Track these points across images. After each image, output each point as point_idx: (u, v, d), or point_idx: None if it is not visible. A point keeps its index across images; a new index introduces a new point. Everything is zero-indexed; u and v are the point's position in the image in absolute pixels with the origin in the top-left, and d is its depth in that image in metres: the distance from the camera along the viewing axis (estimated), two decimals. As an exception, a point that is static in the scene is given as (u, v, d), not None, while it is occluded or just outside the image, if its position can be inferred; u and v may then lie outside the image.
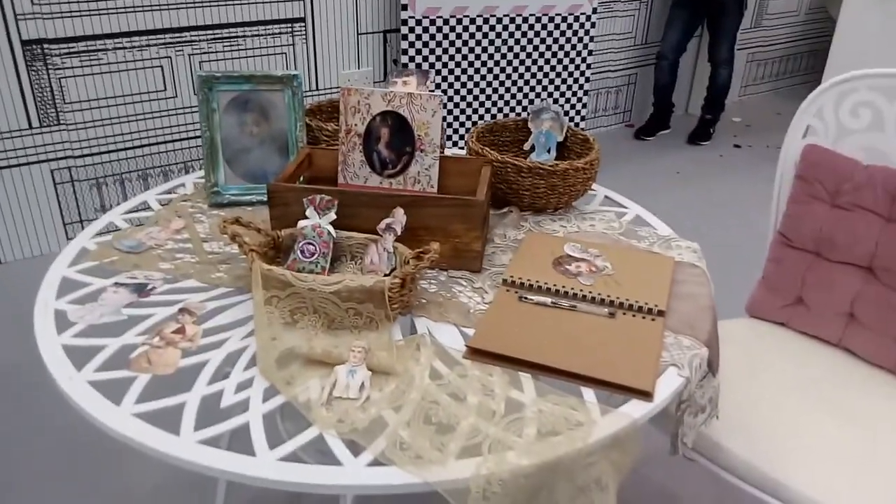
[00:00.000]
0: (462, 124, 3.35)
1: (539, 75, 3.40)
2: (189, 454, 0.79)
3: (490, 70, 3.30)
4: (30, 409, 1.97)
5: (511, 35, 3.27)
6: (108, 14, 2.63)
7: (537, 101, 3.44)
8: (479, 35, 3.21)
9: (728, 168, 3.78)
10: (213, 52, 2.89)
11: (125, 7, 2.66)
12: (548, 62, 3.39)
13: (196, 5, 2.79)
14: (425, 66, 3.16)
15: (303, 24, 3.06)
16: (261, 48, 3.00)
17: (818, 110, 1.47)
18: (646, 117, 4.23)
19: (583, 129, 1.44)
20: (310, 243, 1.10)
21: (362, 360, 0.92)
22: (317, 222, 1.11)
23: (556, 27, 3.33)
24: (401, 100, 1.22)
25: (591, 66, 3.49)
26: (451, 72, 3.23)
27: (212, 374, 0.92)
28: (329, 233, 1.11)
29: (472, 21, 3.16)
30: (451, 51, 3.19)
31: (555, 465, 0.80)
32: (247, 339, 0.99)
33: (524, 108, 3.43)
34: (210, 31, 2.86)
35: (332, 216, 1.11)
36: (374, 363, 0.92)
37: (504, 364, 0.94)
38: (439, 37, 3.14)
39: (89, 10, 2.59)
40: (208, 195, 1.37)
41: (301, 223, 1.11)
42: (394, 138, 1.24)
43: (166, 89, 2.85)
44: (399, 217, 1.10)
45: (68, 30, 2.58)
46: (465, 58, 3.23)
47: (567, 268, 1.13)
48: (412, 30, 3.08)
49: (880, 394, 1.32)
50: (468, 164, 1.31)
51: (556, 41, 3.36)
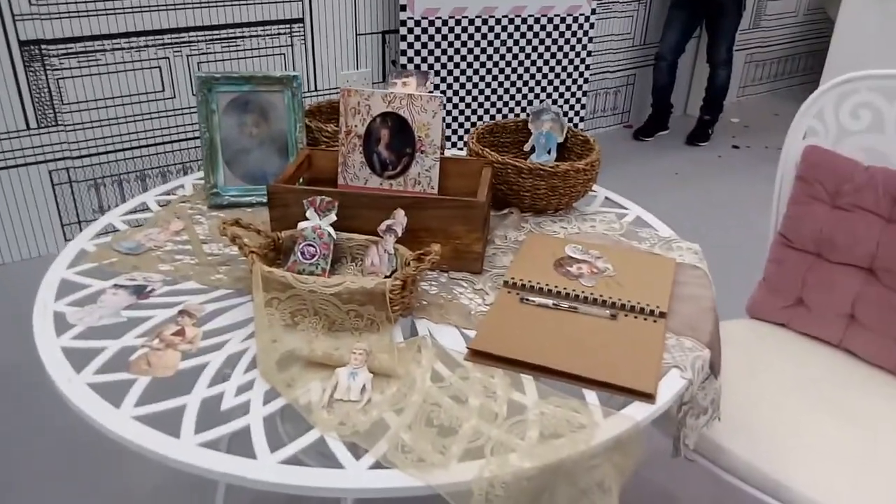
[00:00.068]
0: (461, 125, 3.35)
1: (538, 76, 3.40)
2: (189, 457, 0.78)
3: (489, 71, 3.30)
4: (30, 409, 1.97)
5: (510, 36, 3.27)
6: (106, 15, 2.63)
7: (536, 101, 3.43)
8: (477, 36, 3.21)
9: (727, 169, 3.78)
10: (211, 53, 2.89)
11: (124, 8, 2.65)
12: (546, 63, 3.39)
13: (195, 6, 2.79)
14: (424, 67, 3.16)
15: (301, 25, 3.05)
16: (259, 49, 2.99)
17: (818, 111, 1.47)
18: (644, 118, 4.24)
19: (581, 129, 1.43)
20: (310, 245, 1.09)
21: (363, 362, 0.91)
22: (317, 224, 1.10)
23: (555, 28, 3.32)
24: (401, 101, 1.22)
25: (590, 66, 3.49)
26: (449, 72, 3.22)
27: (212, 377, 0.91)
28: (329, 234, 1.10)
29: (471, 22, 3.16)
30: (450, 52, 3.19)
31: (557, 467, 0.79)
32: (247, 342, 0.98)
33: (523, 109, 3.42)
34: (209, 32, 2.85)
35: (333, 218, 1.11)
36: (376, 365, 0.92)
37: (505, 366, 0.94)
38: (438, 38, 3.13)
39: (87, 11, 2.59)
40: (208, 196, 1.37)
41: (301, 225, 1.10)
42: (394, 139, 1.24)
43: (165, 90, 2.84)
44: (400, 218, 1.10)
45: (66, 30, 2.57)
46: (463, 59, 3.23)
47: (568, 269, 1.13)
48: (411, 30, 3.08)
49: (881, 394, 1.32)
50: (468, 165, 1.30)
51: (554, 42, 3.36)
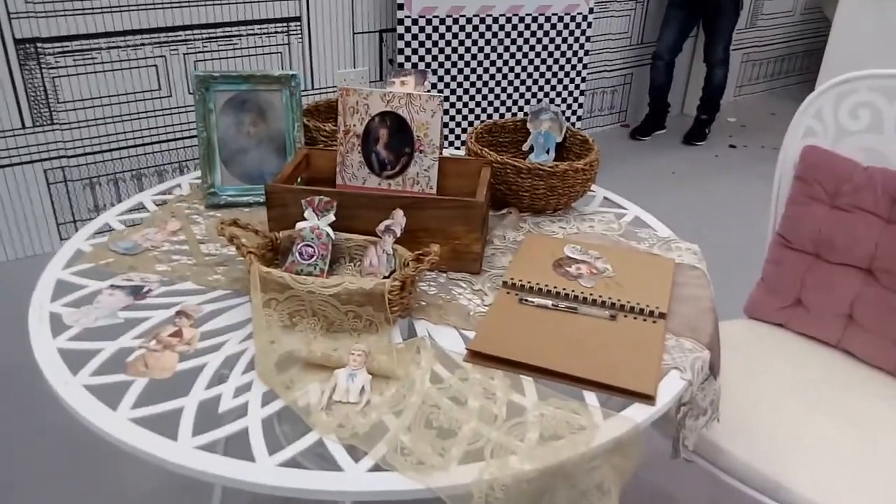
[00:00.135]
0: (458, 124, 3.34)
1: (535, 75, 3.39)
2: (187, 460, 0.78)
3: (486, 70, 3.29)
4: (30, 409, 1.96)
5: (507, 35, 3.26)
6: (101, 13, 2.61)
7: (533, 101, 3.43)
8: (475, 35, 3.20)
9: (724, 168, 3.79)
10: (207, 52, 2.88)
11: (119, 6, 2.64)
12: (544, 62, 3.38)
13: (191, 4, 2.77)
14: (421, 65, 3.15)
15: (298, 24, 3.04)
16: (256, 47, 2.98)
17: (817, 111, 1.46)
18: (641, 117, 4.24)
19: (579, 128, 1.43)
20: (308, 245, 1.09)
21: (362, 363, 0.91)
22: (315, 224, 1.10)
23: (553, 27, 3.32)
24: (400, 100, 1.21)
25: (587, 65, 3.49)
26: (447, 71, 3.22)
27: (210, 378, 0.91)
28: (328, 235, 1.10)
29: (469, 21, 3.16)
30: (448, 50, 3.18)
31: (557, 469, 0.79)
32: (245, 343, 0.98)
33: (520, 109, 3.42)
34: (205, 31, 2.84)
35: (331, 218, 1.10)
36: (374, 367, 0.91)
37: (505, 367, 0.93)
38: (435, 36, 3.13)
39: (83, 9, 2.57)
40: (205, 196, 1.36)
41: (299, 225, 1.10)
42: (393, 139, 1.23)
43: (161, 89, 2.83)
44: (398, 219, 1.09)
45: (62, 29, 2.56)
46: (461, 58, 3.22)
47: (567, 270, 1.13)
48: (408, 29, 3.07)
49: (880, 395, 1.32)
50: (467, 165, 1.30)
51: (552, 41, 3.35)
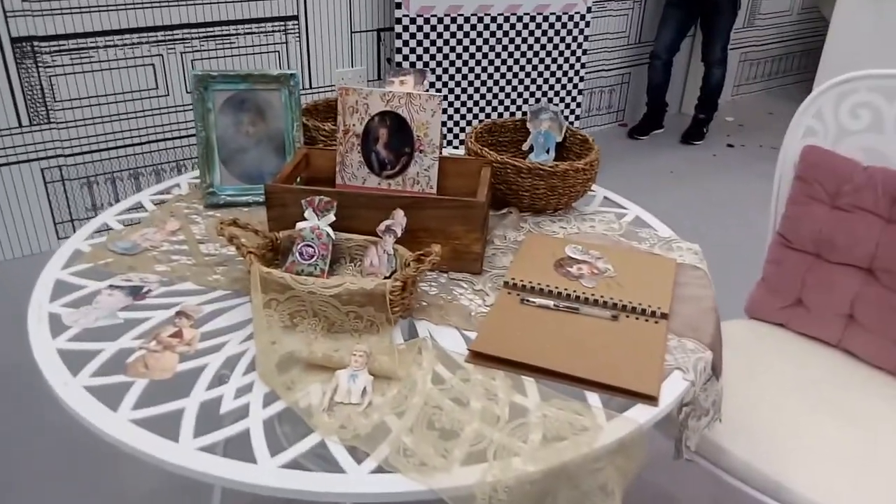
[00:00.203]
0: (456, 123, 3.34)
1: (533, 74, 3.39)
2: (189, 462, 0.77)
3: (484, 69, 3.29)
4: (29, 409, 1.95)
5: (505, 34, 3.26)
6: (98, 11, 2.60)
7: (531, 100, 3.43)
8: (473, 34, 3.20)
9: (721, 167, 3.79)
10: (205, 51, 2.87)
11: (116, 4, 2.63)
12: (542, 61, 3.38)
13: (188, 3, 2.76)
14: (419, 65, 3.15)
15: (296, 23, 3.03)
16: (253, 46, 2.97)
17: (817, 111, 1.46)
18: (639, 117, 4.23)
19: (577, 128, 1.43)
20: (308, 245, 1.08)
21: (364, 364, 0.90)
22: (315, 224, 1.09)
23: (551, 26, 3.32)
24: (399, 100, 1.21)
25: (585, 65, 3.48)
26: (444, 71, 3.21)
27: (210, 379, 0.90)
28: (328, 235, 1.09)
29: (467, 20, 3.15)
30: (445, 50, 3.18)
31: (560, 470, 0.78)
32: (245, 343, 0.97)
33: (518, 108, 3.42)
34: (202, 29, 2.83)
35: (332, 218, 1.10)
36: (376, 367, 0.91)
37: (507, 368, 0.93)
38: (433, 35, 3.12)
39: (80, 7, 2.56)
40: (204, 196, 1.35)
41: (299, 225, 1.09)
42: (392, 139, 1.23)
43: (158, 87, 2.82)
44: (399, 219, 1.08)
45: (59, 27, 2.55)
46: (459, 57, 3.21)
47: (569, 270, 1.12)
48: (406, 28, 3.07)
49: (881, 395, 1.32)
50: (467, 164, 1.29)
51: (550, 40, 3.35)
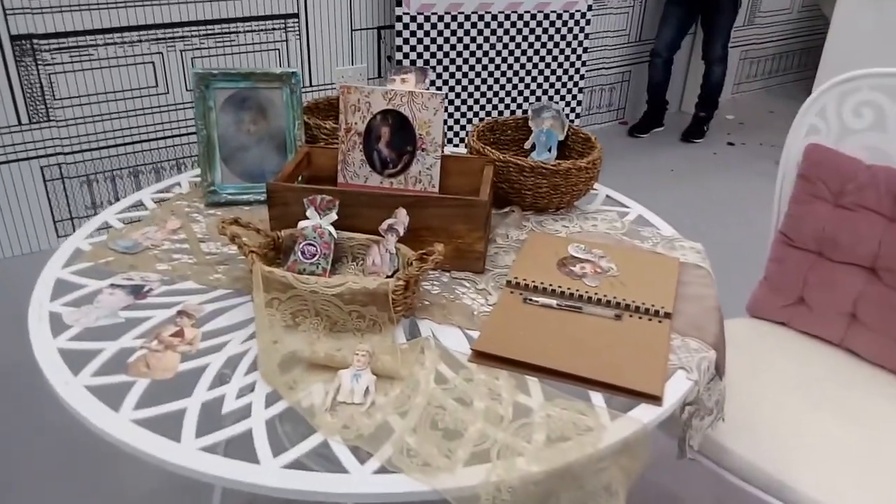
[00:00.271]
0: (457, 121, 3.33)
1: (534, 72, 3.38)
2: (192, 462, 0.77)
3: (485, 67, 3.28)
4: (29, 409, 1.95)
5: (506, 32, 3.25)
6: (98, 9, 2.59)
7: (532, 98, 3.42)
8: (473, 32, 3.19)
9: (722, 166, 3.78)
10: (205, 48, 2.86)
11: (116, 2, 2.62)
12: (542, 59, 3.37)
13: (188, 1, 2.75)
14: (419, 62, 3.14)
15: (296, 20, 3.03)
16: (254, 44, 2.96)
17: (820, 109, 1.46)
18: (639, 115, 4.23)
19: (577, 126, 1.43)
20: (310, 244, 1.08)
21: (366, 363, 0.90)
22: (317, 223, 1.09)
23: (552, 24, 3.31)
24: (402, 98, 1.20)
25: (586, 63, 3.48)
26: (445, 69, 3.21)
27: (212, 379, 0.90)
28: (330, 233, 1.09)
29: (467, 18, 3.15)
30: (446, 48, 3.17)
31: (564, 471, 0.78)
32: (247, 343, 0.97)
33: (519, 106, 3.41)
34: (202, 27, 2.83)
35: (334, 217, 1.09)
36: (379, 367, 0.90)
37: (510, 367, 0.92)
38: (434, 33, 3.12)
39: (79, 5, 2.56)
40: (205, 194, 1.35)
41: (301, 224, 1.09)
42: (394, 137, 1.22)
43: (158, 85, 2.81)
44: (402, 217, 1.08)
45: (58, 25, 2.54)
46: (459, 55, 3.21)
47: (572, 269, 1.12)
48: (406, 26, 3.06)
49: (883, 394, 1.32)
50: (469, 163, 1.29)
51: (550, 38, 3.34)
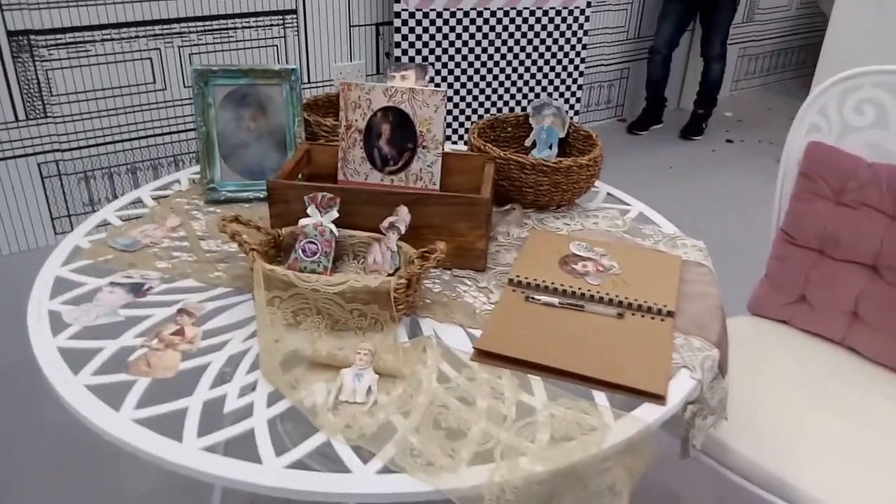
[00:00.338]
0: (455, 118, 3.32)
1: (533, 69, 3.37)
2: (194, 462, 0.76)
3: (483, 64, 3.27)
4: (29, 408, 1.94)
5: (505, 28, 3.24)
6: (95, 5, 2.58)
7: (531, 95, 3.41)
8: (472, 28, 3.18)
9: (720, 163, 3.78)
10: (203, 44, 2.85)
11: (114, -2, 2.61)
12: (542, 56, 3.37)
13: (186, -4, 2.75)
14: (418, 59, 3.13)
15: (294, 16, 3.01)
16: (252, 40, 2.95)
17: (821, 107, 1.46)
18: (638, 112, 4.22)
19: (576, 123, 1.42)
20: (311, 242, 1.07)
21: (369, 362, 0.89)
22: (318, 221, 1.08)
23: (551, 21, 3.30)
24: (402, 95, 1.20)
25: (585, 59, 3.47)
26: (444, 65, 3.20)
27: (214, 378, 0.89)
28: (331, 231, 1.08)
29: (466, 14, 3.14)
30: (445, 44, 3.16)
31: (568, 471, 0.78)
32: (248, 342, 0.96)
33: (518, 103, 3.40)
34: (200, 23, 2.81)
35: (335, 214, 1.09)
36: (380, 366, 0.90)
37: (513, 366, 0.92)
38: (432, 30, 3.11)
39: (77, 1, 2.54)
40: (204, 192, 1.34)
41: (302, 221, 1.08)
42: (395, 134, 1.22)
43: (156, 81, 2.80)
44: (403, 215, 1.07)
45: (55, 20, 2.52)
46: (458, 51, 3.20)
47: (574, 267, 1.11)
48: (405, 23, 3.05)
49: (884, 393, 1.32)
50: (470, 160, 1.28)
51: (549, 35, 3.33)
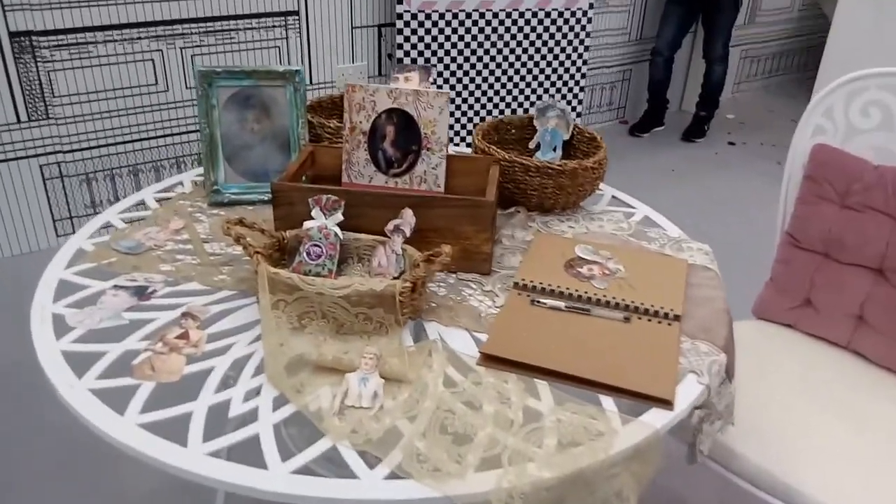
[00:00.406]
0: (457, 120, 3.32)
1: (535, 71, 3.37)
2: (199, 467, 0.76)
3: (486, 66, 3.27)
4: (29, 408, 1.93)
5: (507, 30, 3.24)
6: (97, 6, 2.58)
7: (533, 97, 3.41)
8: (474, 30, 3.18)
9: (723, 165, 3.77)
10: (205, 46, 2.84)
11: (116, -1, 2.60)
12: (544, 58, 3.36)
13: (188, -2, 2.74)
14: (420, 61, 3.13)
15: (296, 18, 3.01)
16: (254, 41, 2.95)
17: (827, 109, 1.45)
18: (640, 114, 4.22)
19: (579, 125, 1.42)
20: (316, 245, 1.07)
21: (374, 367, 0.89)
22: (323, 223, 1.08)
23: (553, 22, 3.30)
24: (407, 97, 1.19)
25: (587, 61, 3.47)
26: (446, 67, 3.19)
27: (218, 382, 0.89)
28: (336, 234, 1.08)
29: (468, 16, 3.13)
30: (447, 46, 3.16)
31: (576, 477, 0.77)
32: (253, 345, 0.96)
33: (520, 105, 3.40)
34: (202, 24, 2.81)
35: (339, 217, 1.08)
36: (386, 370, 0.89)
37: (519, 370, 0.91)
38: (434, 31, 3.10)
39: (79, 2, 2.54)
40: (208, 194, 1.33)
41: (307, 224, 1.08)
42: (399, 136, 1.21)
43: (157, 83, 2.80)
44: (408, 218, 1.07)
45: (57, 22, 2.52)
46: (460, 53, 3.20)
47: (579, 270, 1.11)
48: (407, 24, 3.04)
49: (891, 397, 1.31)
50: (474, 162, 1.28)
51: (552, 37, 3.33)
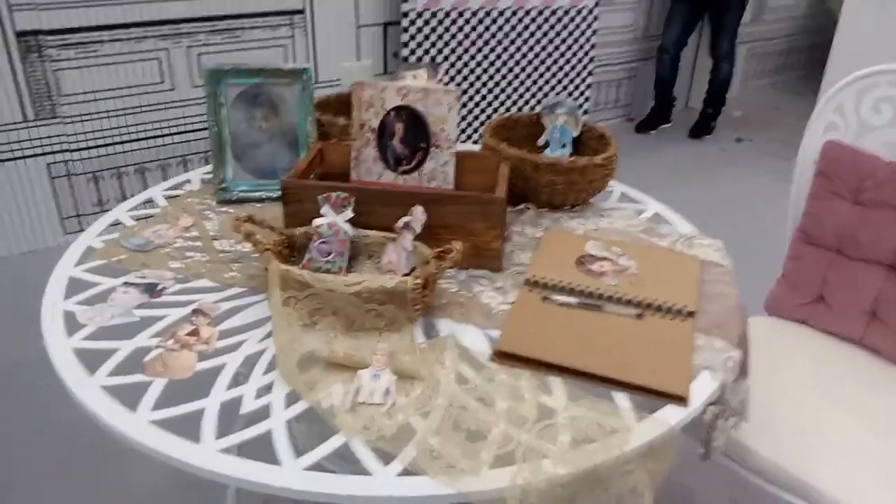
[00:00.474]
0: (463, 118, 3.31)
1: (541, 69, 3.36)
2: (212, 464, 0.76)
3: (492, 64, 3.26)
4: (30, 408, 1.93)
5: (513, 28, 3.23)
6: (104, 5, 2.58)
7: (539, 94, 3.40)
8: (480, 28, 3.17)
9: (729, 162, 3.76)
10: (211, 44, 2.84)
11: (122, -2, 2.61)
12: (550, 55, 3.36)
13: (194, -4, 2.74)
14: (426, 59, 3.12)
15: (302, 16, 3.01)
16: (260, 40, 2.95)
17: (838, 106, 1.44)
18: (646, 111, 4.20)
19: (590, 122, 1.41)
20: (325, 242, 1.06)
21: (386, 363, 0.88)
22: (333, 220, 1.07)
23: (559, 20, 3.29)
24: (415, 94, 1.19)
25: (594, 59, 3.46)
26: (451, 65, 3.19)
27: (230, 379, 0.89)
28: (346, 231, 1.07)
29: (474, 14, 3.13)
30: (452, 44, 3.15)
31: (591, 473, 0.77)
32: (264, 342, 0.95)
33: (526, 102, 3.39)
34: (208, 23, 2.81)
35: (349, 214, 1.08)
36: (398, 367, 0.89)
37: (532, 367, 0.91)
38: (440, 29, 3.10)
39: (85, 1, 2.54)
40: (217, 192, 1.33)
41: (316, 221, 1.07)
42: (408, 134, 1.21)
43: (164, 82, 2.80)
44: (418, 215, 1.06)
45: (63, 21, 2.52)
46: (466, 51, 3.19)
47: (591, 267, 1.10)
48: (413, 22, 3.04)
49: (903, 394, 1.30)
50: (483, 160, 1.27)
51: (558, 34, 3.32)
